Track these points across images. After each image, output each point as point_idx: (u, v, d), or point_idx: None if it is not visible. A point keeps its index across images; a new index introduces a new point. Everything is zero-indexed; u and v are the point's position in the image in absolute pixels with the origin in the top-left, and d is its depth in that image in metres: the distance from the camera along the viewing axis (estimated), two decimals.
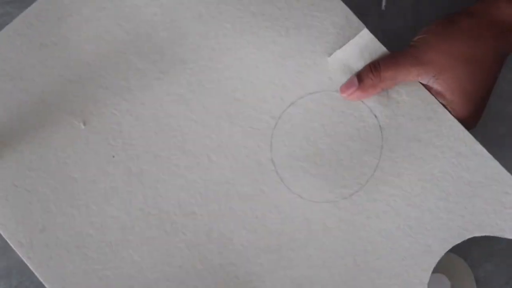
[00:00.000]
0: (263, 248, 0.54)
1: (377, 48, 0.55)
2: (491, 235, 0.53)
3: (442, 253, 0.54)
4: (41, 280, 0.54)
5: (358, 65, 0.55)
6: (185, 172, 0.55)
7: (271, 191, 0.55)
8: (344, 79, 0.55)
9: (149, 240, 0.54)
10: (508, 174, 0.54)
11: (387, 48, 0.55)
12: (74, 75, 0.56)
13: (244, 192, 0.55)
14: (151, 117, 0.56)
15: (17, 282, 0.59)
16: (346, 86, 0.54)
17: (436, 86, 0.53)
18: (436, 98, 0.54)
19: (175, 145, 0.55)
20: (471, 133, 0.54)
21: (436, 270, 0.57)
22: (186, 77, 0.56)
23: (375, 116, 0.55)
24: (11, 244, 0.54)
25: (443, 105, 0.54)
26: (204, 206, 0.55)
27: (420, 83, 0.55)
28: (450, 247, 0.53)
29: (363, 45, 0.55)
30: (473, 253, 0.59)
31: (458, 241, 0.53)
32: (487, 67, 0.53)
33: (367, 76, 0.54)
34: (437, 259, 0.54)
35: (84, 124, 0.56)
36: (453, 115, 0.54)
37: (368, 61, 0.55)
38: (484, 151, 0.54)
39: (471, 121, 0.54)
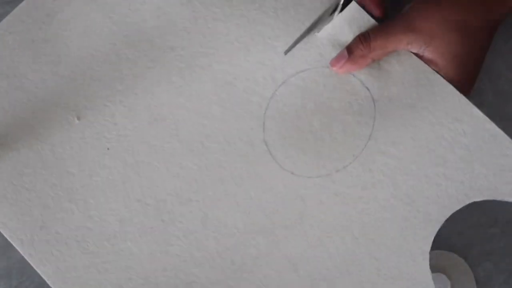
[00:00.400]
0: (257, 230, 0.53)
1: (366, 21, 0.54)
2: (491, 199, 0.52)
3: (443, 220, 0.52)
4: (43, 276, 0.53)
5: (348, 39, 0.54)
6: (180, 159, 0.54)
7: (264, 171, 0.54)
8: (334, 54, 0.54)
9: (147, 231, 0.54)
10: (506, 136, 0.52)
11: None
12: (66, 70, 0.56)
13: (238, 175, 0.54)
14: (144, 107, 0.55)
15: (17, 282, 0.59)
16: (336, 60, 0.53)
17: (427, 54, 0.52)
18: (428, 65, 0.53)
19: (168, 134, 0.55)
20: None
21: (436, 269, 0.56)
22: (177, 64, 0.56)
23: (367, 89, 0.53)
24: (12, 242, 0.54)
25: (436, 72, 0.53)
26: (200, 192, 0.54)
27: (411, 52, 0.53)
28: (450, 213, 0.52)
29: (352, 18, 0.54)
30: (473, 252, 0.58)
31: (458, 207, 0.52)
32: (478, 34, 0.52)
33: (357, 47, 0.52)
34: (437, 227, 0.52)
35: (79, 118, 0.56)
36: (447, 80, 0.52)
37: (357, 34, 0.53)
38: (480, 114, 0.52)
39: (464, 86, 0.53)
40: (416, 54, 0.53)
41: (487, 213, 0.58)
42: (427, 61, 0.53)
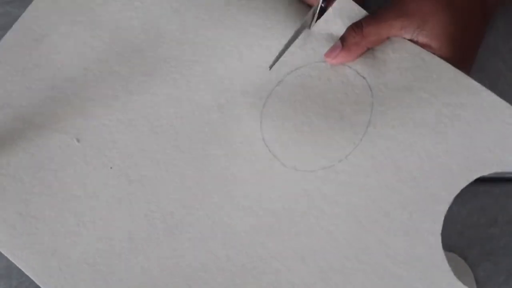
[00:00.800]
0: (265, 230, 0.53)
1: (357, 13, 0.53)
2: (499, 171, 0.50)
3: (451, 199, 0.50)
4: None
5: (340, 32, 0.53)
6: (183, 169, 0.54)
7: (267, 171, 0.53)
8: (327, 48, 0.54)
9: (157, 245, 0.53)
10: (507, 103, 0.50)
11: None
12: (61, 93, 0.56)
13: (241, 177, 0.53)
14: (142, 122, 0.55)
15: (17, 282, 0.59)
16: (330, 51, 0.53)
17: (421, 37, 0.52)
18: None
19: (169, 145, 0.54)
20: None
21: None
22: (171, 75, 0.55)
23: (363, 77, 0.53)
24: (25, 272, 0.53)
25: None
26: (205, 200, 0.53)
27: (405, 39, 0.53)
28: (458, 191, 0.50)
29: (343, 11, 0.53)
30: (473, 252, 0.57)
31: (465, 184, 0.50)
32: (471, 16, 0.52)
33: (349, 35, 0.52)
34: (446, 206, 0.50)
35: (78, 140, 0.55)
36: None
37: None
38: (478, 85, 0.50)
39: (461, 68, 0.52)
40: (410, 40, 0.52)
41: (487, 213, 0.57)
42: (422, 45, 0.52)
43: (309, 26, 0.54)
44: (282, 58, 0.54)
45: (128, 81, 0.55)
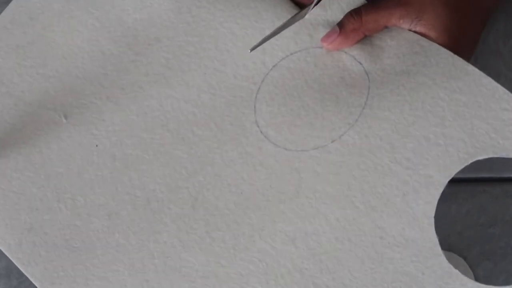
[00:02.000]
0: (250, 207, 0.51)
1: (357, 2, 0.53)
2: (494, 156, 0.49)
3: (445, 182, 0.49)
4: (30, 279, 0.51)
5: (337, 18, 0.53)
6: (170, 149, 0.53)
7: (256, 150, 0.52)
8: (324, 34, 0.53)
9: (135, 222, 0.52)
10: (505, 89, 0.49)
11: None
12: (52, 70, 0.56)
13: (229, 157, 0.52)
14: (131, 101, 0.54)
15: (17, 282, 0.58)
16: (327, 35, 0.52)
17: (418, 27, 0.51)
18: None
19: (158, 125, 0.53)
20: None
21: None
22: (163, 54, 0.55)
23: (360, 63, 0.52)
24: (0, 248, 0.52)
25: None
26: (190, 179, 0.52)
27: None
28: (453, 174, 0.49)
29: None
30: (473, 252, 0.56)
31: (460, 167, 0.49)
32: (470, 12, 0.52)
33: (348, 21, 0.51)
34: (440, 189, 0.49)
35: (66, 117, 0.55)
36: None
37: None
38: (476, 70, 0.50)
39: None
40: (408, 30, 0.52)
41: (487, 213, 0.56)
42: (419, 35, 0.52)
43: (304, 16, 0.53)
44: (276, 42, 0.53)
45: (119, 60, 0.55)
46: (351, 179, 0.50)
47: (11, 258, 0.52)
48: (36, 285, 0.51)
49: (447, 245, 0.55)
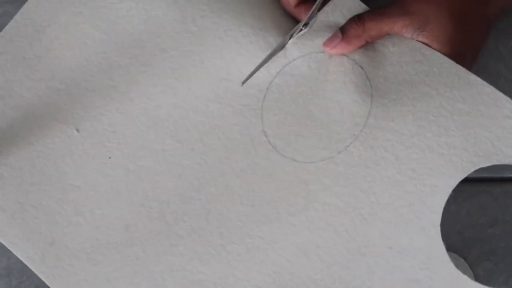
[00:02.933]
0: (262, 219, 0.52)
1: (357, 6, 0.53)
2: (498, 163, 0.50)
3: (449, 190, 0.50)
4: None
5: (339, 24, 0.53)
6: (181, 160, 0.54)
7: (265, 162, 0.53)
8: (325, 39, 0.53)
9: (152, 234, 0.53)
10: (507, 98, 0.50)
11: None
12: (61, 83, 0.56)
13: (239, 168, 0.53)
14: (140, 112, 0.55)
15: (17, 282, 0.59)
16: (329, 40, 0.52)
17: (421, 38, 0.52)
18: None
19: (168, 136, 0.54)
20: None
21: None
22: (169, 65, 0.55)
23: (361, 67, 0.52)
24: (24, 261, 0.54)
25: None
26: (202, 190, 0.53)
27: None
28: (457, 183, 0.50)
29: (344, 3, 0.53)
30: (473, 252, 0.57)
31: (464, 176, 0.50)
32: (473, 23, 0.52)
33: (351, 27, 0.52)
34: (445, 198, 0.50)
35: (78, 130, 0.55)
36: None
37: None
38: (478, 79, 0.51)
39: None
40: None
41: (487, 213, 0.57)
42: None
43: (291, 37, 0.53)
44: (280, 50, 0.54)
45: (127, 71, 0.55)
46: (358, 191, 0.51)
47: (35, 272, 0.53)
48: None
49: (447, 245, 0.54)
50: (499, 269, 0.57)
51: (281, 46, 0.53)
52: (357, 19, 0.52)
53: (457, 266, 0.52)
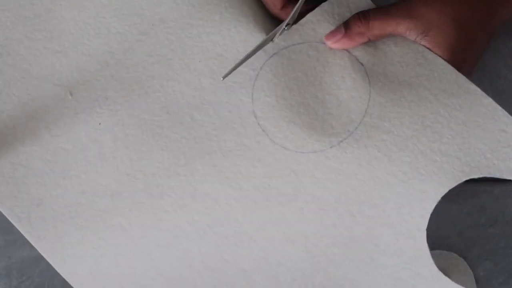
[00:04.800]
0: (250, 205, 0.52)
1: (364, 3, 0.52)
2: (488, 176, 0.50)
3: (439, 197, 0.50)
4: (41, 253, 0.54)
5: (345, 17, 0.52)
6: (169, 132, 0.53)
7: (254, 144, 0.52)
8: (329, 30, 0.52)
9: (137, 205, 0.53)
10: (504, 111, 0.50)
11: None
12: (58, 45, 0.56)
13: (227, 148, 0.53)
14: (134, 80, 0.55)
15: (17, 282, 0.59)
16: (332, 33, 0.52)
17: (424, 42, 0.51)
18: None
19: (158, 107, 0.54)
20: None
21: None
22: (167, 36, 0.54)
23: (362, 64, 0.52)
24: (10, 220, 0.54)
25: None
26: (188, 166, 0.53)
27: None
28: (446, 191, 0.50)
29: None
30: (473, 252, 0.57)
31: (454, 184, 0.50)
32: (477, 33, 0.51)
33: (354, 24, 0.51)
34: (433, 204, 0.50)
35: (71, 94, 0.55)
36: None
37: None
38: (478, 89, 0.50)
39: None
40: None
41: (487, 213, 0.57)
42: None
43: (273, 39, 0.52)
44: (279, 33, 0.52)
45: (125, 38, 0.55)
46: (348, 188, 0.51)
47: (20, 231, 0.54)
48: (47, 259, 0.54)
49: (447, 245, 0.56)
50: (499, 269, 0.57)
51: (262, 45, 0.52)
52: (362, 16, 0.51)
53: (457, 266, 0.54)
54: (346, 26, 0.51)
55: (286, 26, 0.51)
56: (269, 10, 0.54)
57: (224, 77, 0.51)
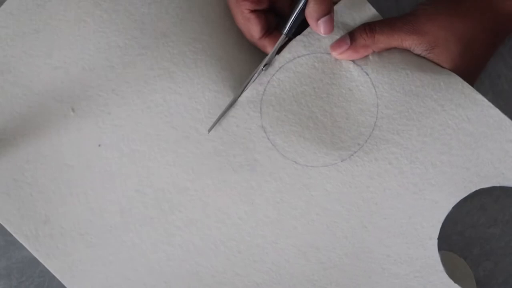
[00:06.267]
0: (262, 219, 0.53)
1: (368, 12, 0.52)
2: (498, 185, 0.51)
3: (450, 207, 0.51)
4: (52, 272, 0.54)
5: (349, 26, 0.52)
6: (175, 147, 0.53)
7: (264, 159, 0.52)
8: (333, 40, 0.52)
9: (147, 221, 0.53)
10: (511, 121, 0.51)
11: None
12: (58, 61, 0.55)
13: (237, 163, 0.53)
14: (136, 95, 0.54)
15: (17, 282, 0.59)
16: (338, 44, 0.51)
17: (427, 58, 0.52)
18: None
19: (162, 121, 0.54)
20: None
21: None
22: (169, 50, 0.54)
23: (367, 74, 0.52)
24: (17, 239, 0.54)
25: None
26: (197, 181, 0.53)
27: None
28: (457, 201, 0.51)
29: (355, 7, 0.52)
30: (473, 252, 0.57)
31: (465, 194, 0.51)
32: (481, 50, 0.52)
33: (360, 36, 0.51)
34: (445, 214, 0.51)
35: (73, 110, 0.55)
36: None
37: (358, 23, 0.52)
38: (484, 100, 0.51)
39: None
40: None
41: (487, 213, 0.57)
42: None
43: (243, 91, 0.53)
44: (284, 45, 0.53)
45: (125, 52, 0.55)
46: (360, 200, 0.52)
47: (29, 250, 0.54)
48: (58, 278, 0.54)
49: (447, 245, 0.56)
50: (499, 269, 0.57)
51: (241, 91, 0.52)
52: (368, 30, 0.51)
53: (457, 266, 0.54)
54: (352, 38, 0.51)
55: (264, 66, 0.51)
56: (248, 40, 0.53)
57: (209, 131, 0.52)
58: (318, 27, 0.50)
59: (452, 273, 0.54)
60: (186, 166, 0.53)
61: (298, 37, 0.52)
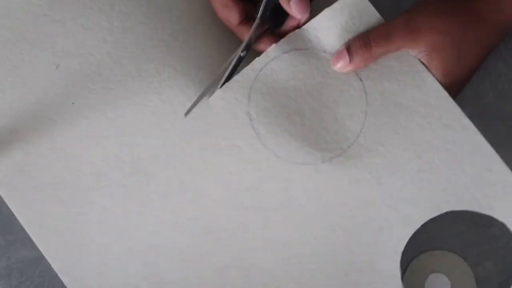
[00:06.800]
0: (236, 205, 0.53)
1: (367, 9, 0.52)
2: (469, 210, 0.51)
3: (419, 224, 0.52)
4: (21, 222, 0.53)
5: (348, 26, 0.52)
6: (160, 120, 0.54)
7: (246, 147, 0.53)
8: (332, 38, 0.52)
9: (121, 189, 0.54)
10: (493, 150, 0.51)
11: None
12: (58, 14, 0.55)
13: (218, 145, 0.53)
14: (131, 61, 0.54)
15: (17, 282, 0.59)
16: (337, 60, 0.52)
17: (423, 60, 0.52)
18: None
19: (152, 92, 0.54)
20: None
21: (436, 270, 0.56)
22: (171, 24, 0.54)
23: (360, 80, 0.52)
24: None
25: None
26: (178, 157, 0.53)
27: None
28: (429, 218, 0.52)
29: (354, 5, 0.52)
30: (473, 252, 0.57)
31: (437, 213, 0.52)
32: (475, 55, 0.52)
33: (357, 53, 0.51)
34: (414, 229, 0.52)
35: (62, 64, 0.55)
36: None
37: (357, 23, 0.52)
38: (471, 125, 0.51)
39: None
40: None
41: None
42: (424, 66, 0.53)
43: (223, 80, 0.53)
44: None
45: (127, 18, 0.55)
46: (335, 202, 0.52)
47: (2, 196, 0.54)
48: (25, 228, 0.53)
49: (447, 245, 0.57)
50: (499, 269, 0.57)
51: (220, 77, 0.53)
52: (364, 46, 0.51)
53: (458, 266, 0.55)
54: (350, 55, 0.51)
55: (242, 52, 0.52)
56: (226, 26, 0.53)
57: (186, 114, 0.52)
58: (291, 8, 0.50)
59: (452, 273, 0.55)
60: (168, 141, 0.54)
61: (297, 30, 0.52)
